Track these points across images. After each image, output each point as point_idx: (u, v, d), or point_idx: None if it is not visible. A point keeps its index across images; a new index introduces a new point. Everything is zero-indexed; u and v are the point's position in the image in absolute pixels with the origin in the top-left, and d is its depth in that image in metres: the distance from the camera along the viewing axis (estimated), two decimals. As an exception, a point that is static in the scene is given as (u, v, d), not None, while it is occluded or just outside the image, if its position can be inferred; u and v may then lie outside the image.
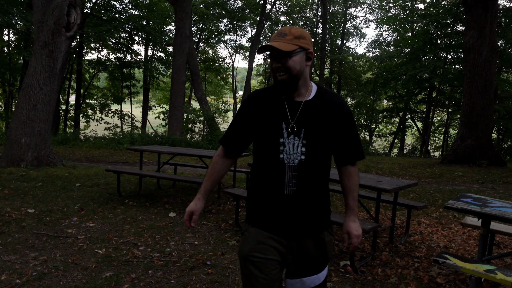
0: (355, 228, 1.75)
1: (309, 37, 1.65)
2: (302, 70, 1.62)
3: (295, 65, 1.59)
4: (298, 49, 1.59)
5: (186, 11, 14.60)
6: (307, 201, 1.66)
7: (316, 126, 1.64)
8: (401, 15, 22.65)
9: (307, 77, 1.66)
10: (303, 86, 1.66)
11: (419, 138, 23.85)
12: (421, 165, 11.28)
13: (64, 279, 2.98)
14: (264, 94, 1.71)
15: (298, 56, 1.60)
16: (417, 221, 5.07)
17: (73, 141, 13.49)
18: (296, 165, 1.62)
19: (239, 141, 1.76)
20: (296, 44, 1.59)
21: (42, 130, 7.94)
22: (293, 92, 1.66)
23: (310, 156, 1.63)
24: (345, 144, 1.73)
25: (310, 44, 1.64)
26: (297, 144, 1.63)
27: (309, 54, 1.63)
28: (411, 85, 20.77)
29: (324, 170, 1.70)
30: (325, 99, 1.69)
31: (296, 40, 1.60)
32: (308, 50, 1.63)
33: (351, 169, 1.77)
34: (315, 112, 1.65)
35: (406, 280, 3.19)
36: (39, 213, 4.70)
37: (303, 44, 1.61)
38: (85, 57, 21.35)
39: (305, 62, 1.62)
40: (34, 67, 7.87)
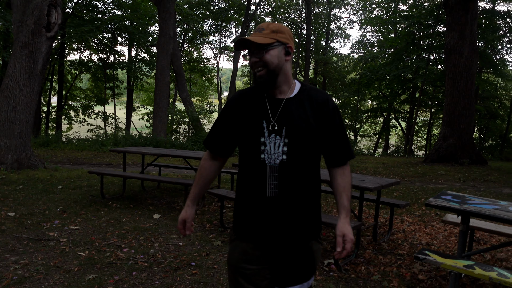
0: (350, 232, 1.59)
1: (288, 32, 1.60)
2: (281, 65, 1.56)
3: (272, 59, 1.54)
4: (275, 43, 1.55)
5: (170, 12, 14.51)
6: (291, 204, 1.57)
7: (298, 124, 1.56)
8: (384, 16, 22.99)
9: (287, 73, 1.60)
10: (284, 83, 1.60)
11: (403, 137, 24.22)
12: (404, 164, 11.45)
13: (45, 282, 2.93)
14: (248, 93, 1.66)
15: (275, 50, 1.55)
16: (400, 219, 5.15)
17: (55, 143, 13.24)
18: (278, 166, 1.55)
19: (223, 142, 1.70)
20: (273, 38, 1.54)
21: (22, 132, 7.77)
22: (274, 89, 1.60)
23: (292, 155, 1.55)
24: (332, 143, 1.64)
25: (289, 39, 1.59)
26: (278, 143, 1.56)
27: (288, 49, 1.58)
28: (395, 86, 21.09)
29: (310, 171, 1.61)
30: (309, 96, 1.61)
31: (273, 34, 1.55)
32: (287, 44, 1.57)
33: (344, 168, 1.67)
34: (298, 110, 1.58)
35: (388, 277, 3.23)
36: (20, 216, 4.60)
37: (280, 38, 1.56)
38: (67, 58, 21.01)
39: (284, 56, 1.57)
40: (14, 68, 7.71)
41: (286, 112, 1.58)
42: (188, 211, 1.75)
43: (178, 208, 5.26)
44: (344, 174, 1.66)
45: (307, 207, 1.61)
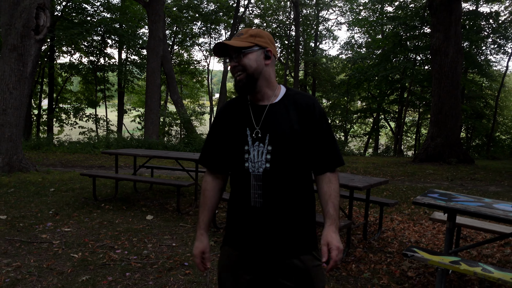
0: (336, 239, 1.48)
1: (268, 37, 1.58)
2: (260, 69, 1.53)
3: (250, 62, 1.51)
4: (254, 47, 1.52)
5: (159, 14, 14.51)
6: (277, 214, 1.50)
7: (282, 131, 1.50)
8: (372, 18, 23.24)
9: (269, 78, 1.56)
10: (267, 88, 1.56)
11: (392, 137, 24.47)
12: (394, 164, 11.60)
13: (39, 284, 2.95)
14: (234, 102, 1.63)
15: (254, 54, 1.52)
16: (390, 218, 5.24)
17: (46, 146, 13.13)
18: (261, 174, 1.49)
19: (217, 156, 1.64)
20: (251, 42, 1.52)
21: (13, 135, 7.72)
22: (256, 94, 1.56)
23: (276, 163, 1.49)
24: (319, 149, 1.55)
25: (269, 43, 1.56)
26: (262, 151, 1.50)
27: (268, 53, 1.54)
28: (383, 86, 21.32)
29: (297, 179, 1.53)
30: (294, 101, 1.55)
31: (252, 38, 1.53)
32: (266, 48, 1.54)
33: (330, 176, 1.56)
34: (281, 115, 1.53)
35: (378, 274, 3.31)
36: (12, 219, 4.59)
37: (259, 42, 1.53)
38: (57, 61, 20.86)
39: (263, 60, 1.53)
40: (3, 71, 7.66)
41: (270, 118, 1.53)
42: (204, 241, 1.63)
43: (170, 209, 5.29)
44: (330, 181, 1.56)
45: (296, 217, 1.53)
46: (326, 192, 1.55)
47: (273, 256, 1.51)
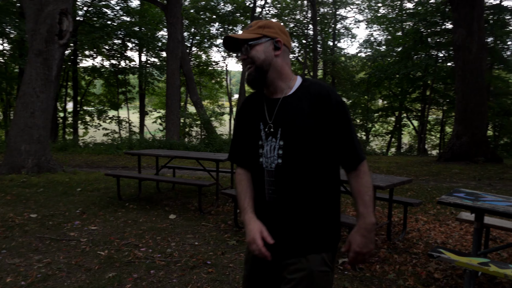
0: (358, 242, 1.43)
1: (279, 27, 1.52)
2: (269, 61, 1.47)
3: (258, 54, 1.47)
4: (261, 38, 1.47)
5: (177, 16, 14.68)
6: (289, 211, 1.45)
7: (294, 125, 1.44)
8: (391, 15, 22.85)
9: (281, 69, 1.50)
10: (279, 80, 1.50)
11: (415, 136, 23.99)
12: (418, 164, 11.37)
13: (68, 280, 3.04)
14: (252, 97, 1.61)
15: (262, 45, 1.47)
16: (414, 218, 5.14)
17: (72, 147, 13.53)
18: (274, 170, 1.46)
19: (242, 152, 1.62)
20: (258, 33, 1.48)
21: (41, 137, 7.98)
22: (269, 87, 1.52)
23: (288, 159, 1.44)
24: (337, 144, 1.46)
25: (279, 33, 1.49)
26: (274, 146, 1.47)
27: (277, 43, 1.48)
28: (405, 84, 20.93)
29: (313, 175, 1.45)
30: (307, 92, 1.47)
31: (260, 29, 1.48)
32: (276, 39, 1.48)
33: (356, 171, 1.47)
34: (294, 109, 1.46)
35: (404, 276, 3.25)
36: (42, 217, 4.75)
37: (267, 33, 1.48)
38: (80, 64, 21.41)
39: (272, 51, 1.47)
40: (30, 75, 7.92)
41: (282, 112, 1.48)
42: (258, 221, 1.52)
43: (192, 209, 5.35)
44: (358, 175, 1.46)
45: (309, 215, 1.45)
46: (354, 188, 1.47)
47: (281, 252, 1.48)
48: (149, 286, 2.97)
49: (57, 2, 7.93)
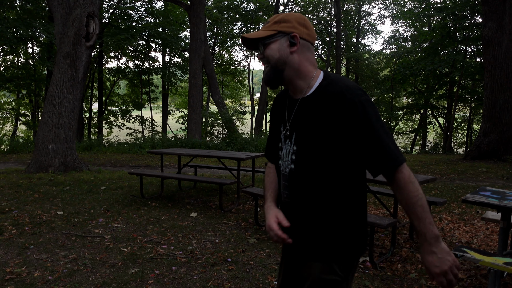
0: (431, 262, 1.23)
1: (297, 19, 1.37)
2: (284, 59, 1.35)
3: (272, 53, 1.36)
4: (276, 35, 1.36)
5: (200, 17, 14.82)
6: (302, 218, 1.39)
7: (307, 130, 1.34)
8: (417, 10, 22.30)
9: (299, 67, 1.37)
10: (297, 79, 1.38)
11: (441, 134, 23.38)
12: (443, 162, 11.08)
13: (93, 275, 3.13)
14: (281, 95, 1.53)
15: (276, 43, 1.35)
16: (438, 217, 5.03)
17: (97, 147, 13.90)
18: (287, 174, 1.41)
19: (272, 150, 1.58)
20: (273, 30, 1.36)
21: (67, 136, 8.23)
22: (289, 86, 1.42)
23: (300, 166, 1.36)
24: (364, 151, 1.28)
25: (296, 27, 1.36)
26: (289, 150, 1.40)
27: (292, 39, 1.34)
28: (431, 81, 20.41)
29: (326, 183, 1.33)
30: (325, 93, 1.32)
31: (275, 25, 1.36)
32: (291, 34, 1.35)
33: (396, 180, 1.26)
34: (310, 111, 1.34)
35: (426, 275, 3.19)
36: (68, 215, 4.91)
37: (282, 28, 1.35)
38: (105, 66, 21.93)
39: (288, 48, 1.35)
40: (58, 77, 8.18)
41: (298, 115, 1.38)
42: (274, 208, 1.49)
43: (213, 207, 5.40)
44: (399, 187, 1.26)
45: (320, 223, 1.36)
46: (400, 202, 1.28)
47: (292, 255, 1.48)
48: (170, 282, 3.02)
49: (85, 5, 8.16)
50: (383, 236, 4.21)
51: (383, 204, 4.00)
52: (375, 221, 3.35)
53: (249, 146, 14.03)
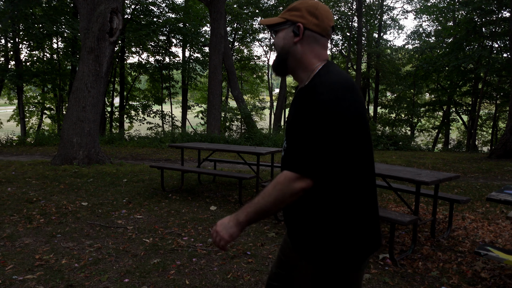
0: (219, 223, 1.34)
1: (307, 8, 1.32)
2: (287, 48, 1.33)
3: (278, 41, 1.35)
4: (285, 23, 1.34)
5: (220, 12, 14.86)
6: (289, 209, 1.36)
7: (290, 125, 1.29)
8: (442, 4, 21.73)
9: (301, 58, 1.33)
10: (300, 70, 1.35)
11: (465, 132, 22.82)
12: (467, 160, 10.83)
13: (116, 264, 3.23)
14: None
15: (283, 32, 1.34)
16: (461, 216, 4.94)
17: (118, 140, 14.20)
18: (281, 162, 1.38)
19: None
20: (283, 18, 1.34)
21: (91, 130, 8.44)
22: (294, 75, 1.39)
23: (284, 164, 1.31)
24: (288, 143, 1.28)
25: (304, 16, 1.31)
26: (284, 147, 1.37)
27: (296, 29, 1.31)
28: (455, 77, 19.90)
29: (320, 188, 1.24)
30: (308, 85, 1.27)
31: (287, 13, 1.34)
32: (297, 23, 1.31)
33: (280, 175, 1.25)
34: (294, 103, 1.31)
35: (448, 274, 3.15)
36: (92, 205, 5.05)
37: (291, 17, 1.32)
38: (127, 61, 22.28)
39: (292, 38, 1.32)
40: (82, 72, 8.37)
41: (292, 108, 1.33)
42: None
43: (232, 201, 5.46)
44: (273, 180, 1.27)
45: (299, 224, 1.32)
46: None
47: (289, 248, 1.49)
48: (191, 273, 3.08)
49: (109, 1, 8.32)
50: (403, 234, 4.17)
51: (404, 201, 3.95)
52: (396, 218, 3.32)
53: (268, 142, 14.06)
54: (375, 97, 25.41)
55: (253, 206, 1.26)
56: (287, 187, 1.20)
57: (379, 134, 16.03)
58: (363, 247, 1.28)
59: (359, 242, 1.28)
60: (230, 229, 1.29)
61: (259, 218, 1.27)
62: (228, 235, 1.29)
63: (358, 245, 1.27)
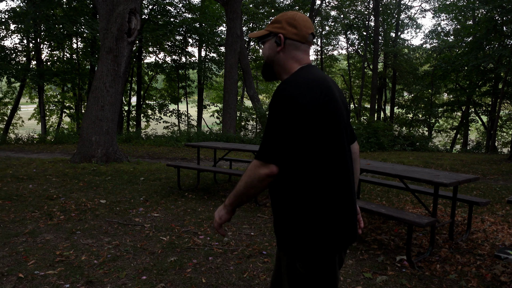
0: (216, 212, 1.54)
1: (286, 20, 1.49)
2: (272, 57, 1.51)
3: (264, 51, 1.54)
4: (269, 35, 1.52)
5: (237, 12, 14.90)
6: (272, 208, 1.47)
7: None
8: (461, 2, 21.29)
9: (284, 65, 1.49)
10: (285, 74, 1.51)
11: (484, 133, 22.32)
12: (486, 162, 10.61)
13: (134, 261, 3.28)
14: None
15: (268, 43, 1.52)
16: (480, 218, 4.85)
17: (135, 139, 14.40)
18: None
19: None
20: (267, 30, 1.52)
21: (109, 128, 8.59)
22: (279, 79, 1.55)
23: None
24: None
25: (284, 27, 1.48)
26: None
27: (278, 39, 1.48)
28: (474, 77, 19.48)
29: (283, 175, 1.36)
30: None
31: (270, 25, 1.52)
32: (278, 34, 1.48)
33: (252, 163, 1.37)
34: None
35: (467, 277, 3.10)
36: (110, 203, 5.15)
37: (273, 29, 1.50)
38: (144, 61, 22.55)
39: (276, 47, 1.49)
40: (101, 71, 8.53)
41: None
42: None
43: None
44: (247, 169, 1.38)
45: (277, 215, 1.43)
46: None
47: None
48: (208, 271, 3.12)
49: (127, 2, 8.45)
50: (421, 236, 4.12)
51: (421, 203, 3.91)
52: (414, 220, 3.29)
53: (283, 142, 14.01)
54: (392, 97, 25.08)
55: (234, 191, 1.43)
56: (253, 173, 1.34)
57: (396, 134, 15.82)
58: (333, 239, 1.37)
59: (328, 233, 1.36)
60: (219, 212, 1.51)
61: (239, 200, 1.43)
62: (218, 217, 1.51)
63: (327, 237, 1.35)
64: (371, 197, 5.91)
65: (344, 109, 1.47)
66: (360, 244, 3.84)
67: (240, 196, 1.40)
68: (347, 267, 3.27)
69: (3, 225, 4.14)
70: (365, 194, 6.14)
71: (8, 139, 14.74)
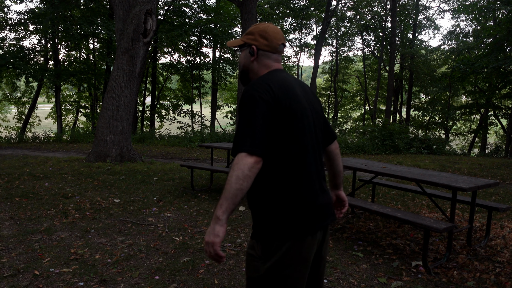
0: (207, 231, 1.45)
1: (258, 32, 1.63)
2: (247, 66, 1.66)
3: (240, 60, 1.69)
4: (244, 45, 1.66)
5: (252, 12, 14.86)
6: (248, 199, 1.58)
7: None
8: (481, 3, 20.86)
9: (257, 72, 1.64)
10: None
11: (504, 136, 21.81)
12: (505, 166, 10.35)
13: (147, 261, 3.29)
14: None
15: (244, 52, 1.67)
16: (499, 224, 4.71)
17: (149, 139, 14.52)
18: None
19: None
20: (242, 40, 1.67)
21: (124, 128, 8.67)
22: None
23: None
24: None
25: (256, 39, 1.63)
26: None
27: (251, 50, 1.63)
28: (494, 79, 19.05)
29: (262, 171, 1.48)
30: None
31: (245, 36, 1.66)
32: (251, 45, 1.63)
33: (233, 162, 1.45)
34: None
35: (485, 284, 3.01)
36: (124, 202, 5.19)
37: (247, 40, 1.65)
38: (159, 61, 22.74)
39: (250, 57, 1.64)
40: (117, 72, 8.62)
41: None
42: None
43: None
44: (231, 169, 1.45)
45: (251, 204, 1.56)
46: None
47: None
48: (220, 272, 3.10)
49: (143, 3, 8.53)
50: (437, 241, 4.03)
51: (438, 207, 3.82)
52: (431, 225, 3.21)
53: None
54: (408, 99, 24.73)
55: (222, 197, 1.39)
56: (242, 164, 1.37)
57: (412, 137, 15.57)
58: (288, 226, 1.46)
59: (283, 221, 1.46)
60: (213, 231, 1.39)
61: (232, 201, 1.37)
62: (213, 236, 1.38)
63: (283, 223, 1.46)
64: (386, 201, 5.82)
65: (311, 109, 1.58)
66: (375, 248, 3.77)
67: (233, 196, 1.37)
68: (361, 271, 3.21)
69: (20, 223, 4.21)
70: (380, 197, 6.05)
71: (26, 138, 15.06)
